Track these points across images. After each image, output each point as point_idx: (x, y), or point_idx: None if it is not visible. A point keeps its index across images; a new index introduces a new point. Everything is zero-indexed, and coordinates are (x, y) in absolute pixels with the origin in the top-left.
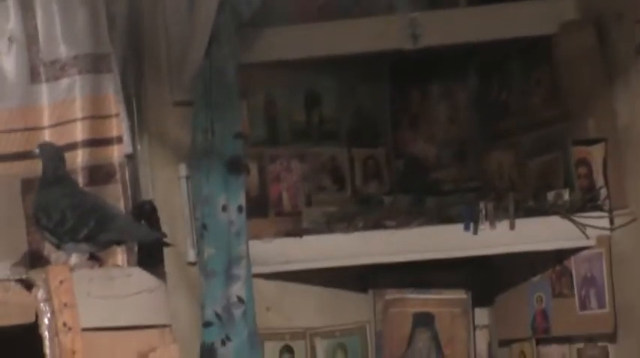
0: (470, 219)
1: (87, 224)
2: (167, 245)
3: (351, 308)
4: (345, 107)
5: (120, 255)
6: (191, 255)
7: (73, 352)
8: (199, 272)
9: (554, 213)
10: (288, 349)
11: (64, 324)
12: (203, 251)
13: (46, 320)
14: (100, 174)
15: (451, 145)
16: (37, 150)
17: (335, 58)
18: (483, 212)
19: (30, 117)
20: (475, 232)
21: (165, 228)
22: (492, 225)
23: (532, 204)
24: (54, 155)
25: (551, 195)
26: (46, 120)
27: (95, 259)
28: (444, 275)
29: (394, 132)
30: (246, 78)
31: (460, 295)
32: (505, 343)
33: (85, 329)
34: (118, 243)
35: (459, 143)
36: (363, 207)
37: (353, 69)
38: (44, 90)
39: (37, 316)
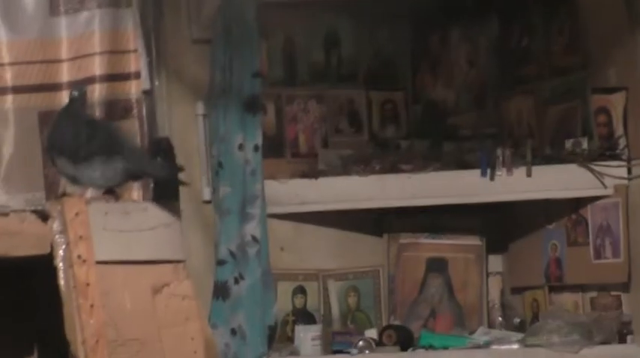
0: (487, 165)
1: (98, 140)
2: (182, 183)
3: (365, 251)
4: (364, 49)
5: (136, 190)
6: (206, 193)
7: (87, 284)
8: (214, 211)
9: (572, 161)
10: (301, 289)
11: (79, 256)
12: (218, 189)
13: (60, 252)
14: (117, 109)
15: (470, 90)
16: (75, 93)
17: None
18: (500, 158)
19: (48, 50)
20: (492, 178)
21: None
22: (509, 171)
23: (550, 152)
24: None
25: (569, 143)
26: (64, 54)
27: (111, 193)
28: (459, 220)
29: (413, 76)
30: (265, 17)
31: (474, 241)
32: (518, 290)
33: (99, 262)
34: (134, 177)
35: (478, 88)
36: (380, 150)
37: (373, 11)
38: (63, 23)
39: (51, 248)
